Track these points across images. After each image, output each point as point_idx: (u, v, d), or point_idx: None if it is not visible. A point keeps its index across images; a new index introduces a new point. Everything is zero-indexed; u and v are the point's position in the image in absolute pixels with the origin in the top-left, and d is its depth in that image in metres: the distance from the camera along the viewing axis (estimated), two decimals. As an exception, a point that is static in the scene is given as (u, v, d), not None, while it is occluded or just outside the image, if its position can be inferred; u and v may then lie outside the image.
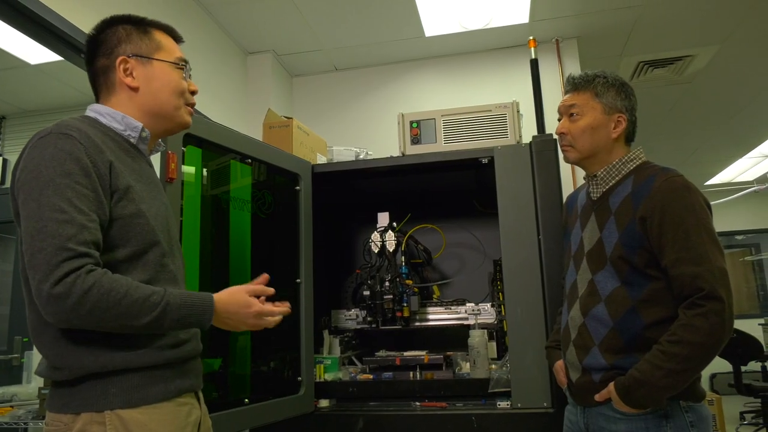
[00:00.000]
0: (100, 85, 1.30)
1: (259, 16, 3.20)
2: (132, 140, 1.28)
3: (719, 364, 4.01)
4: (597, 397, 1.48)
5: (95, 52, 1.29)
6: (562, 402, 1.76)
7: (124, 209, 1.16)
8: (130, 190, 1.18)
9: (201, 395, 1.31)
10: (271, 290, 1.32)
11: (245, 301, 1.24)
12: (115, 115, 1.26)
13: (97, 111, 1.27)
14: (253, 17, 3.20)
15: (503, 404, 2.10)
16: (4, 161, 3.90)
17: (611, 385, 1.44)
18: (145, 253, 1.18)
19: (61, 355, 1.10)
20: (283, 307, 1.31)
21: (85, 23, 2.07)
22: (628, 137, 1.64)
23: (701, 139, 5.83)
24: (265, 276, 1.34)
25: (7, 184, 4.19)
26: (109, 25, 1.30)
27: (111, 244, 1.14)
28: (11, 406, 2.58)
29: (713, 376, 7.04)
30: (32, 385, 2.91)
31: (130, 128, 1.27)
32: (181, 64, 1.33)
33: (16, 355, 3.48)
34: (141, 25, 1.31)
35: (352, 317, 2.78)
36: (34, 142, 1.13)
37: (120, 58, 1.26)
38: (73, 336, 1.10)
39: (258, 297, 1.28)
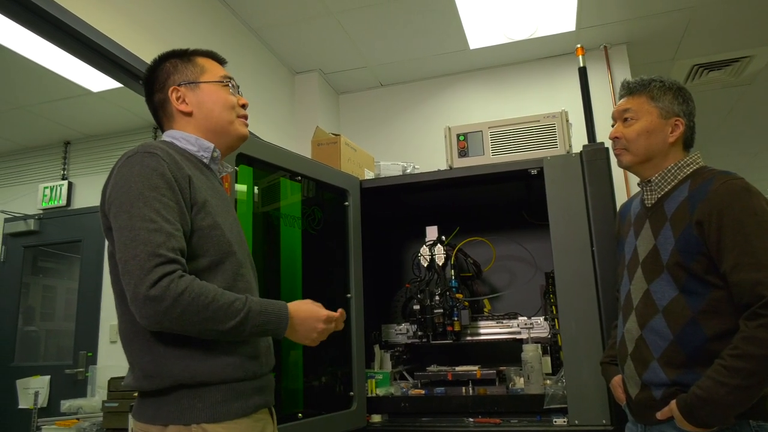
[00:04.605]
0: (161, 118, 1.41)
1: (305, 37, 3.28)
2: (205, 160, 1.37)
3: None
4: (659, 416, 1.42)
5: (151, 89, 1.40)
6: (622, 419, 1.70)
7: (203, 221, 1.23)
8: (207, 203, 1.25)
9: (274, 411, 1.36)
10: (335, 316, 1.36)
11: (315, 309, 1.31)
12: (189, 137, 1.36)
13: (172, 136, 1.37)
14: (300, 38, 3.28)
15: (560, 421, 2.05)
16: (70, 184, 4.11)
17: (673, 402, 1.38)
18: (222, 262, 1.25)
19: (152, 362, 1.16)
20: (341, 314, 1.38)
21: (144, 51, 2.18)
22: (686, 143, 1.59)
23: (763, 143, 5.57)
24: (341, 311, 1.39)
25: (74, 206, 4.37)
26: (158, 63, 1.41)
27: (192, 254, 1.21)
28: (77, 419, 2.69)
29: (785, 393, 6.63)
30: (96, 398, 3.03)
31: (203, 149, 1.36)
32: (226, 81, 1.41)
33: (81, 369, 3.63)
34: (184, 55, 1.42)
35: (402, 332, 2.77)
36: (122, 162, 1.21)
37: (171, 88, 1.37)
38: (163, 344, 1.16)
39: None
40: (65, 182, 4.11)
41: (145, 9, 2.35)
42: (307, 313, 1.29)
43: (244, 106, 1.44)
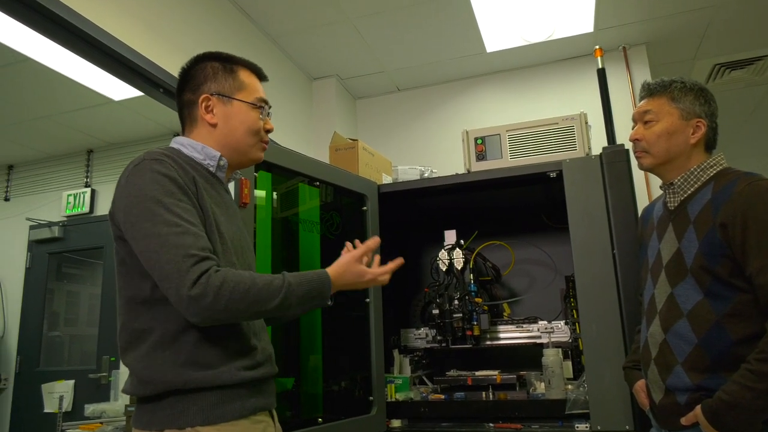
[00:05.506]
0: (185, 117, 1.40)
1: (323, 43, 3.30)
2: (211, 168, 1.35)
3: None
4: (683, 421, 1.40)
5: (184, 86, 1.39)
6: (646, 425, 1.67)
7: (208, 228, 1.23)
8: (212, 212, 1.26)
9: (275, 414, 1.35)
10: (372, 245, 1.43)
11: (359, 271, 1.37)
12: (196, 145, 1.35)
13: (179, 143, 1.36)
14: (318, 44, 3.31)
15: (582, 427, 2.02)
16: (93, 191, 4.18)
17: (698, 408, 1.36)
18: None
19: (147, 369, 1.17)
20: (393, 265, 1.43)
21: (163, 59, 2.21)
22: (708, 144, 1.56)
23: (788, 143, 5.46)
24: (375, 240, 1.45)
25: (96, 212, 4.40)
26: (199, 61, 1.39)
27: None
28: (100, 423, 2.73)
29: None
30: (119, 402, 3.07)
31: (209, 157, 1.35)
32: (260, 105, 1.39)
33: (104, 374, 3.68)
34: (228, 63, 1.39)
35: (421, 336, 2.76)
36: (130, 170, 1.21)
37: (203, 96, 1.34)
38: (160, 353, 1.17)
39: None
40: (88, 190, 4.18)
41: (164, 18, 2.38)
42: (353, 278, 1.35)
43: (268, 131, 1.43)
